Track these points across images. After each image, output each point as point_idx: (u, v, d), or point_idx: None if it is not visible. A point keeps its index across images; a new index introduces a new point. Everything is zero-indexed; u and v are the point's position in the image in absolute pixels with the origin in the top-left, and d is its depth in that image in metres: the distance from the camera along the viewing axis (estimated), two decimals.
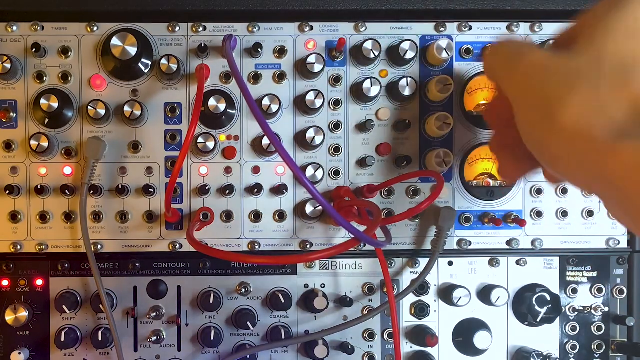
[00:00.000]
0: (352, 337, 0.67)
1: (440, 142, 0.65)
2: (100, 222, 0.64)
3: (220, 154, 0.64)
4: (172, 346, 0.67)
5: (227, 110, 0.62)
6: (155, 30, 0.63)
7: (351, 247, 0.52)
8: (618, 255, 0.68)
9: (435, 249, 0.65)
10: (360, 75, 0.64)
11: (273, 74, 0.64)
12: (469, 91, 0.65)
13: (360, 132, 0.65)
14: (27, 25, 0.62)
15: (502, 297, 0.66)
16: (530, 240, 0.67)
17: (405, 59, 0.62)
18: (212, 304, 0.65)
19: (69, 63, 0.63)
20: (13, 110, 0.63)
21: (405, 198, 0.66)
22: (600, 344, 0.68)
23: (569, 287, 0.68)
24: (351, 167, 0.65)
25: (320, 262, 0.67)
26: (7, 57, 0.60)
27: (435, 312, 0.68)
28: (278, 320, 0.67)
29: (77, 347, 0.66)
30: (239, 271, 0.67)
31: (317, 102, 0.62)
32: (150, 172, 0.64)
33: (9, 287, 0.65)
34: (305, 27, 0.63)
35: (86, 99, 0.63)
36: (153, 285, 0.66)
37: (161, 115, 0.64)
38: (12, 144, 0.63)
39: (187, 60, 0.63)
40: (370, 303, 0.67)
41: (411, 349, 0.68)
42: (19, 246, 0.64)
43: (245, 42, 0.63)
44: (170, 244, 0.65)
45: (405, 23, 0.64)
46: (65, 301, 0.64)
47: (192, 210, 0.65)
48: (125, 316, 0.66)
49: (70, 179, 0.64)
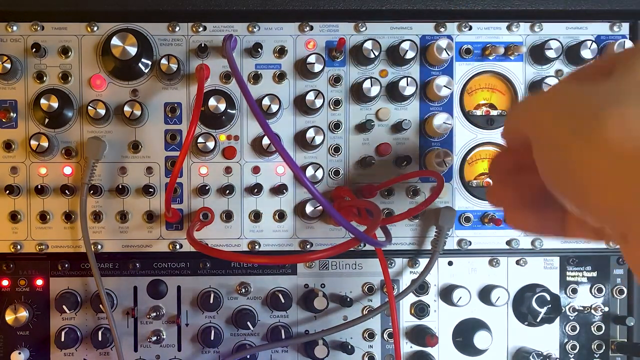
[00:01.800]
0: (352, 337, 0.67)
1: (440, 142, 0.65)
2: (100, 222, 0.64)
3: (220, 154, 0.64)
4: (172, 346, 0.67)
5: (227, 110, 0.62)
6: (155, 30, 0.63)
7: (351, 247, 0.52)
8: (618, 255, 0.68)
9: (435, 249, 0.65)
10: (360, 75, 0.64)
11: (273, 74, 0.64)
12: (469, 91, 0.65)
13: (360, 132, 0.65)
14: (27, 25, 0.62)
15: (502, 297, 0.66)
16: (530, 240, 0.67)
17: (405, 59, 0.62)
18: (212, 304, 0.65)
19: (69, 63, 0.63)
20: (13, 110, 0.63)
21: (405, 198, 0.66)
22: (600, 344, 0.68)
23: (569, 287, 0.68)
24: (351, 167, 0.65)
25: (320, 262, 0.67)
26: (7, 57, 0.60)
27: (435, 312, 0.68)
28: (278, 320, 0.67)
29: (77, 347, 0.66)
30: (239, 271, 0.67)
31: (317, 102, 0.62)
32: (150, 172, 0.64)
33: (9, 287, 0.65)
34: (305, 27, 0.63)
35: (86, 99, 0.63)
36: (153, 285, 0.66)
37: (161, 115, 0.64)
38: (12, 144, 0.63)
39: (187, 60, 0.63)
40: (370, 303, 0.67)
41: (411, 349, 0.68)
42: (19, 246, 0.64)
43: (245, 42, 0.63)
44: (170, 244, 0.65)
45: (405, 23, 0.64)
46: (65, 301, 0.64)
47: (192, 210, 0.65)
48: (125, 316, 0.66)
49: (70, 179, 0.64)
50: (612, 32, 0.65)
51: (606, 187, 0.32)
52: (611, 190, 0.32)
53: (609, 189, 0.32)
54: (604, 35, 0.65)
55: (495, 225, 0.66)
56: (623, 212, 0.32)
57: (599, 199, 0.32)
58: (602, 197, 0.32)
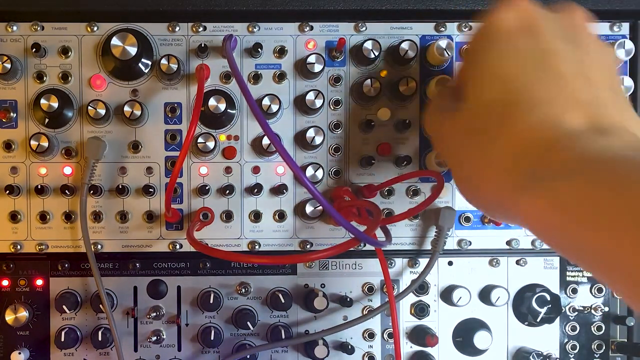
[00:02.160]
0: (352, 337, 0.67)
1: None
2: (100, 222, 0.64)
3: (220, 154, 0.64)
4: (172, 346, 0.67)
5: (227, 110, 0.62)
6: (155, 30, 0.63)
7: (351, 247, 0.52)
8: None
9: (435, 249, 0.65)
10: (360, 75, 0.64)
11: (273, 74, 0.64)
12: None
13: (360, 132, 0.65)
14: (27, 25, 0.62)
15: (502, 297, 0.66)
16: (530, 240, 0.67)
17: (405, 59, 0.62)
18: (212, 304, 0.65)
19: (69, 63, 0.63)
20: (13, 110, 0.63)
21: (405, 198, 0.66)
22: (600, 344, 0.68)
23: (569, 287, 0.68)
24: (351, 167, 0.65)
25: (320, 262, 0.67)
26: (7, 57, 0.60)
27: (435, 312, 0.68)
28: (278, 320, 0.67)
29: (77, 347, 0.66)
30: (239, 271, 0.67)
31: (317, 102, 0.62)
32: (150, 172, 0.64)
33: (9, 287, 0.65)
34: (305, 27, 0.63)
35: (86, 99, 0.63)
36: (153, 285, 0.66)
37: (161, 115, 0.64)
38: (12, 144, 0.63)
39: (187, 60, 0.63)
40: (370, 303, 0.67)
41: (411, 349, 0.68)
42: (19, 246, 0.64)
43: (245, 42, 0.63)
44: (170, 244, 0.65)
45: (405, 23, 0.64)
46: (65, 301, 0.64)
47: (192, 210, 0.65)
48: (125, 316, 0.66)
49: (70, 179, 0.64)
50: (612, 32, 0.65)
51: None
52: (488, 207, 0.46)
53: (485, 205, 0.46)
54: (604, 36, 0.65)
55: (495, 225, 0.66)
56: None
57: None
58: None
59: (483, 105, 0.43)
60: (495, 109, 0.42)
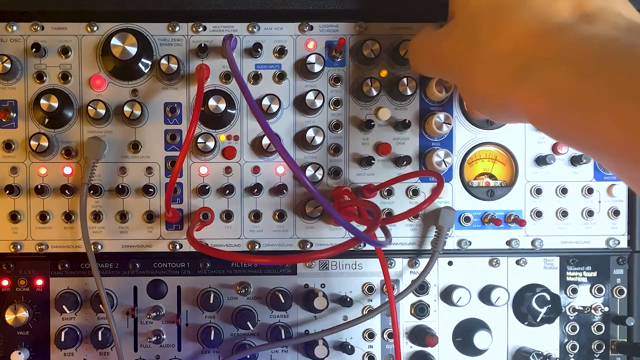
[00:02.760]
0: (352, 337, 0.67)
1: (440, 142, 0.65)
2: (100, 222, 0.64)
3: (220, 154, 0.64)
4: (172, 346, 0.67)
5: (227, 110, 0.62)
6: (155, 30, 0.63)
7: (351, 247, 0.52)
8: (618, 255, 0.68)
9: (435, 249, 0.65)
10: (360, 75, 0.64)
11: (273, 74, 0.64)
12: None
13: (360, 132, 0.65)
14: (27, 25, 0.62)
15: (502, 297, 0.66)
16: (530, 240, 0.67)
17: (405, 59, 0.62)
18: (212, 304, 0.65)
19: (69, 63, 0.63)
20: (13, 110, 0.63)
21: (405, 198, 0.66)
22: (600, 344, 0.68)
23: (569, 287, 0.68)
24: (351, 167, 0.65)
25: (320, 262, 0.67)
26: (7, 57, 0.60)
27: (435, 312, 0.68)
28: (278, 320, 0.67)
29: (77, 347, 0.66)
30: (239, 271, 0.67)
31: (317, 102, 0.62)
32: (150, 172, 0.64)
33: (9, 287, 0.65)
34: (305, 27, 0.63)
35: (86, 99, 0.63)
36: (153, 285, 0.66)
37: (161, 115, 0.64)
38: (12, 144, 0.63)
39: (187, 60, 0.63)
40: (370, 303, 0.67)
41: (411, 349, 0.68)
42: (19, 246, 0.64)
43: (245, 42, 0.63)
44: (170, 244, 0.65)
45: (405, 23, 0.64)
46: (65, 301, 0.64)
47: (192, 210, 0.65)
48: (125, 316, 0.66)
49: (70, 179, 0.64)
50: None
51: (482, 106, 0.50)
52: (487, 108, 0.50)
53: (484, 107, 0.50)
54: None
55: (495, 225, 0.66)
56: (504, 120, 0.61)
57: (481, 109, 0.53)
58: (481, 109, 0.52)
59: (476, 11, 0.47)
60: (487, 12, 0.46)
